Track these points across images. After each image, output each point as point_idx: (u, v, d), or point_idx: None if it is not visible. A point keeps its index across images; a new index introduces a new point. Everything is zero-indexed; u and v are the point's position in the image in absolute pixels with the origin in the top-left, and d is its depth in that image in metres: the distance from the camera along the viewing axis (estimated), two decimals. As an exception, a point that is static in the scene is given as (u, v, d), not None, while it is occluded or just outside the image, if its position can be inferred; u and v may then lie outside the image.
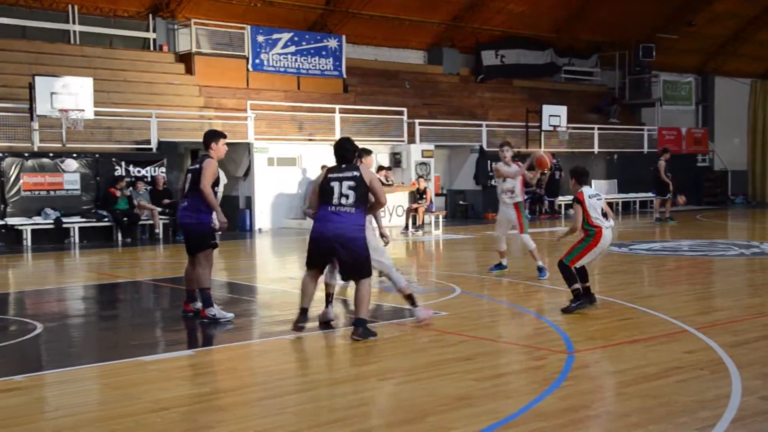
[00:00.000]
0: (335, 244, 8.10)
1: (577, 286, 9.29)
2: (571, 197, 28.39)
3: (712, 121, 36.68)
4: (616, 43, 34.21)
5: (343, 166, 8.25)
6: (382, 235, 9.50)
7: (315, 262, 8.52)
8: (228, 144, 23.13)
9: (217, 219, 9.11)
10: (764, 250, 16.03)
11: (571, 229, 9.59)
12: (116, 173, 19.92)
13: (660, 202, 24.36)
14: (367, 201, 8.32)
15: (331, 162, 18.66)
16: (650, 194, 30.30)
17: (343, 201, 8.06)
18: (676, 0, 32.82)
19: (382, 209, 9.94)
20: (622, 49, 34.46)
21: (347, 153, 8.31)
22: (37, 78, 18.96)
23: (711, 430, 5.27)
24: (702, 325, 8.35)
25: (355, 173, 8.13)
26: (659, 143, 32.38)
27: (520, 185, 12.68)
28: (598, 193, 9.56)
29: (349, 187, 8.07)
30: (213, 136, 9.44)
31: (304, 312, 8.43)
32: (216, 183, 9.16)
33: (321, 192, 8.23)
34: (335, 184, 8.11)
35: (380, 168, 24.48)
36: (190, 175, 9.19)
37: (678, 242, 17.83)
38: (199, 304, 9.24)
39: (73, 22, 23.48)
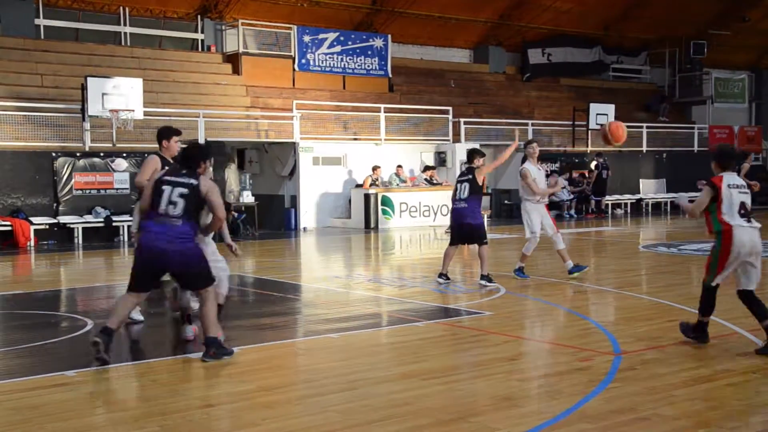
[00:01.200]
0: (161, 258, 7.13)
1: (706, 319, 7.65)
2: (619, 196, 28.24)
3: (767, 118, 35.93)
4: (666, 40, 33.72)
5: (183, 171, 7.33)
6: (229, 246, 8.70)
7: (141, 283, 7.37)
8: (273, 143, 23.40)
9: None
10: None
11: (689, 213, 7.70)
12: (164, 173, 20.14)
13: None
14: (199, 215, 7.41)
15: (376, 161, 18.99)
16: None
17: (170, 210, 7.09)
18: (728, -5, 32.30)
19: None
20: (672, 46, 33.96)
21: (191, 160, 7.42)
22: (89, 79, 19.26)
23: (762, 435, 5.18)
24: (754, 328, 8.18)
25: (192, 181, 7.17)
26: (710, 141, 31.86)
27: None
28: (743, 185, 7.56)
29: (180, 195, 7.12)
30: (164, 133, 8.99)
31: (107, 332, 7.06)
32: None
33: (151, 194, 7.24)
34: (166, 188, 7.16)
35: (426, 168, 24.48)
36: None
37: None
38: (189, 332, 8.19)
39: (124, 24, 23.84)
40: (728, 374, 6.61)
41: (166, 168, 7.88)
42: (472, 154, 11.87)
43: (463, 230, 11.61)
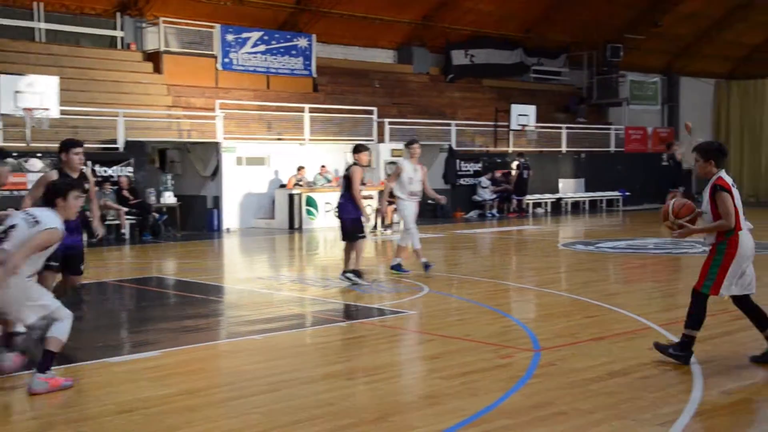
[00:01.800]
0: None
1: (694, 333, 6.90)
2: (539, 196, 28.75)
3: (678, 120, 37.08)
4: (584, 43, 34.45)
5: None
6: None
7: None
8: (196, 143, 23.04)
9: None
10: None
11: (716, 228, 6.81)
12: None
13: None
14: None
15: (300, 161, 18.92)
16: (618, 193, 30.76)
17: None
18: (643, 1, 33.13)
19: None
20: (590, 49, 34.71)
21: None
22: (0, 76, 18.72)
23: (673, 425, 5.35)
24: (665, 322, 8.45)
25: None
26: (626, 142, 32.80)
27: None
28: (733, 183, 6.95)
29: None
30: (62, 146, 8.84)
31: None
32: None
33: None
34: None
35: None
36: None
37: (644, 240, 18.00)
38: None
39: (39, 20, 23.20)
40: (641, 368, 6.80)
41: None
42: (354, 150, 12.05)
43: (341, 225, 11.90)
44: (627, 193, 30.71)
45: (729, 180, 6.81)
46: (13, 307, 6.45)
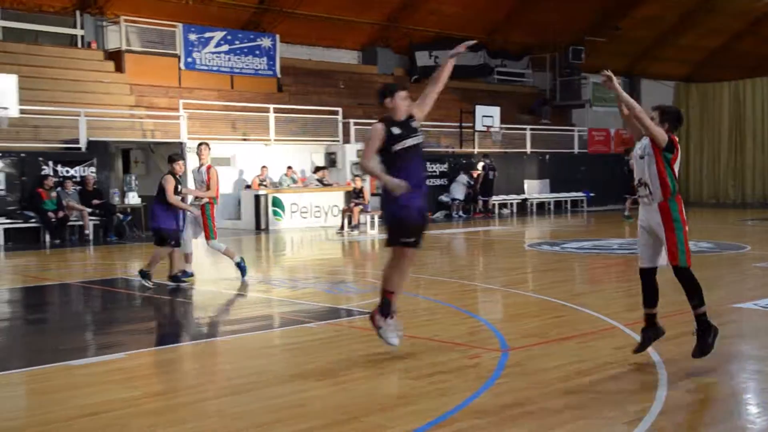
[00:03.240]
0: None
1: (704, 308, 6.66)
2: (505, 196, 28.89)
3: (640, 122, 37.44)
4: (547, 46, 34.73)
5: None
6: None
7: None
8: (160, 144, 22.96)
9: None
10: (690, 248, 16.42)
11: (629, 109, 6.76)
12: (43, 173, 19.44)
13: (630, 201, 22.95)
14: None
15: (266, 162, 18.87)
16: (582, 193, 31.02)
17: None
18: (604, 4, 33.46)
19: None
20: (553, 51, 35.02)
21: None
22: (-42, 75, 18.43)
23: (639, 423, 5.38)
24: (630, 322, 8.52)
25: None
26: (589, 144, 33.08)
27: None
28: None
29: None
30: None
31: None
32: None
33: None
34: None
35: (317, 168, 24.47)
36: None
37: (608, 241, 18.18)
38: None
39: (-4, 17, 22.88)
40: (607, 367, 6.85)
41: None
42: (168, 160, 12.24)
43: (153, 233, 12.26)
44: (591, 194, 31.00)
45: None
46: None
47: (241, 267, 12.30)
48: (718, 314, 9.48)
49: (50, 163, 19.72)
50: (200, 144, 12.69)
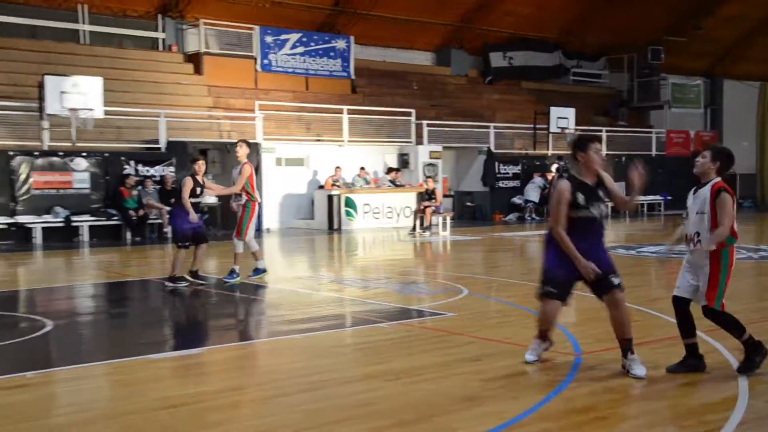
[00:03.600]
0: None
1: (747, 334, 6.68)
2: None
3: (721, 123, 36.57)
4: (625, 46, 34.13)
5: None
6: None
7: None
8: (233, 144, 23.27)
9: None
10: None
11: (719, 235, 6.56)
12: (125, 172, 19.98)
13: None
14: None
15: (340, 163, 18.94)
16: (660, 196, 30.42)
17: None
18: (684, 4, 32.76)
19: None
20: (631, 52, 34.40)
21: None
22: (46, 77, 19.03)
23: (717, 433, 5.30)
24: (709, 329, 8.31)
25: None
26: (667, 146, 32.36)
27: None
28: None
29: None
30: None
31: None
32: None
33: None
34: None
35: (390, 169, 24.55)
36: None
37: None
38: None
39: (83, 22, 23.58)
40: (683, 374, 6.72)
41: None
42: (190, 161, 12.47)
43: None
44: (669, 197, 30.36)
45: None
46: None
47: (230, 276, 12.15)
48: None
49: (131, 162, 20.25)
50: (238, 141, 12.61)
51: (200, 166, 12.03)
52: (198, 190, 11.92)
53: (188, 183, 11.82)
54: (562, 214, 6.69)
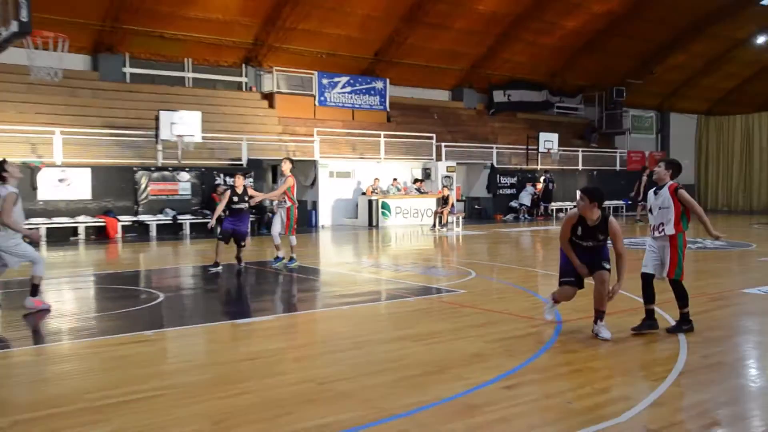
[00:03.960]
0: None
1: (687, 308, 6.89)
2: (561, 203, 28.26)
3: (668, 146, 36.10)
4: (596, 86, 33.79)
5: None
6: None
7: None
8: (298, 161, 23.49)
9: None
10: (706, 245, 15.74)
11: (701, 215, 6.85)
12: (216, 182, 20.18)
13: (641, 207, 23.93)
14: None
15: (378, 175, 18.68)
16: (622, 201, 30.07)
17: None
18: (642, 54, 32.29)
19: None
20: (601, 90, 34.04)
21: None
22: (161, 112, 19.28)
23: (663, 381, 5.25)
24: (658, 303, 8.20)
25: None
26: (628, 162, 32.10)
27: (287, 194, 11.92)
28: None
29: None
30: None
31: None
32: None
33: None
34: None
35: (416, 180, 24.52)
36: None
37: (642, 239, 17.57)
38: None
39: (188, 71, 23.83)
40: (638, 337, 6.67)
41: None
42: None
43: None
44: (629, 202, 30.00)
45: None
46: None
47: (290, 261, 11.94)
48: (727, 297, 9.10)
49: (221, 175, 20.43)
50: (283, 159, 12.26)
51: (238, 180, 11.83)
52: (235, 198, 11.69)
53: (226, 195, 11.78)
54: (566, 233, 6.76)
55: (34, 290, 8.00)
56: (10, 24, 7.37)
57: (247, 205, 11.87)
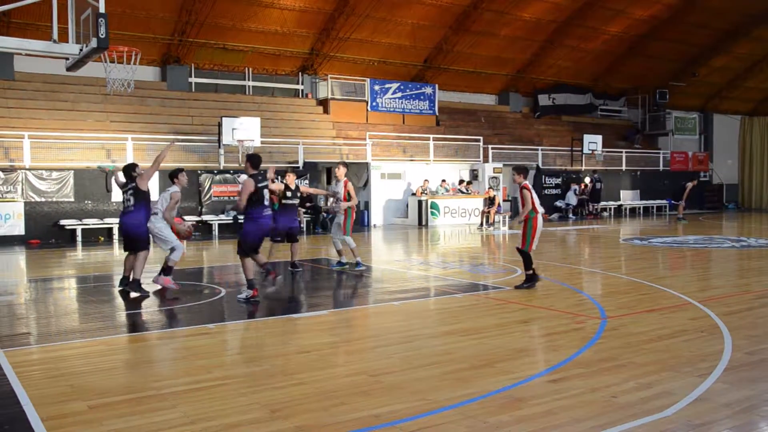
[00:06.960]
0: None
1: (531, 269, 8.98)
2: (605, 203, 27.74)
3: (712, 146, 34.89)
4: (639, 89, 32.95)
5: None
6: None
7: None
8: (351, 164, 23.55)
9: None
10: (750, 243, 15.14)
11: (526, 211, 9.06)
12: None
13: (682, 208, 24.41)
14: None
15: (427, 176, 18.43)
16: (665, 201, 29.24)
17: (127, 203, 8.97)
18: (684, 57, 31.32)
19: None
20: (644, 93, 33.17)
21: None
22: (223, 119, 19.63)
23: (708, 377, 5.05)
24: (702, 299, 7.96)
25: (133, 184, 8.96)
26: (671, 163, 31.20)
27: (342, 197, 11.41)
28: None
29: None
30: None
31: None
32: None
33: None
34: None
35: (461, 181, 24.34)
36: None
37: (685, 237, 17.03)
38: None
39: (248, 80, 24.22)
40: (683, 333, 6.45)
41: None
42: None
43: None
44: (672, 201, 29.15)
45: (530, 184, 9.14)
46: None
47: (357, 266, 11.38)
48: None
49: (278, 177, 20.60)
50: (338, 163, 11.84)
51: (289, 177, 11.63)
52: (288, 193, 11.44)
53: (280, 184, 11.41)
54: None
55: (168, 270, 9.08)
56: (90, 41, 7.70)
57: (298, 200, 11.74)
